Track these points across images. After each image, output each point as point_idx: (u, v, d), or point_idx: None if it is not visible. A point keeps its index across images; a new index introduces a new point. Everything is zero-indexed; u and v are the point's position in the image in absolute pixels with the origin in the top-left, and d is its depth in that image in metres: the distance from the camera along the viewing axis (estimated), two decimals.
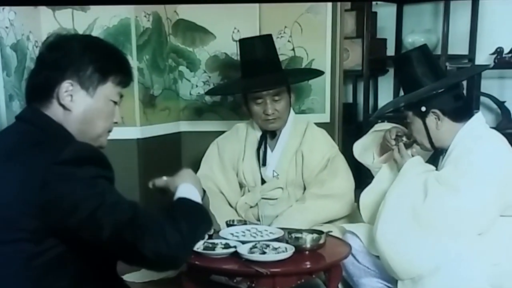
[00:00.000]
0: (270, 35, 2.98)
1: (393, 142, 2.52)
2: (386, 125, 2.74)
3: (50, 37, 1.61)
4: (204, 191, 1.69)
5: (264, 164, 2.91)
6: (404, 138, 2.52)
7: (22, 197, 1.40)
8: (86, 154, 1.47)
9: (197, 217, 1.54)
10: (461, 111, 2.44)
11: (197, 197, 1.60)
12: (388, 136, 2.55)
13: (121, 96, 1.66)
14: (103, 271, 1.56)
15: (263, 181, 2.92)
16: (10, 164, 1.47)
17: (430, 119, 2.42)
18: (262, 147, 2.92)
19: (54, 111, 1.56)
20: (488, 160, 2.28)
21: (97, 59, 1.58)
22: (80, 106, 1.56)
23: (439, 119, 2.40)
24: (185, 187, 1.61)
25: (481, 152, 2.31)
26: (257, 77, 2.85)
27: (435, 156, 2.53)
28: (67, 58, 1.55)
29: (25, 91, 1.63)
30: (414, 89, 2.43)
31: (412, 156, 2.47)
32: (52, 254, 1.43)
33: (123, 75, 1.64)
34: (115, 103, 1.65)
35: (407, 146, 2.50)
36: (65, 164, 1.42)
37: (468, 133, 2.39)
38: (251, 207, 2.92)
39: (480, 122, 2.45)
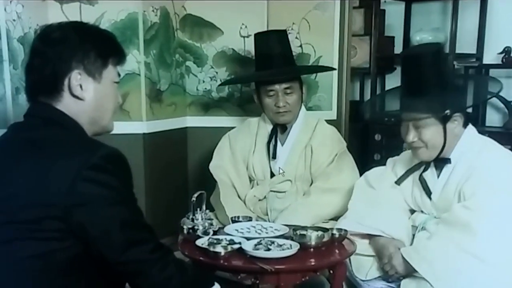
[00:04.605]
0: (285, 31, 3.03)
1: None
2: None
3: (43, 30, 1.60)
4: None
5: (274, 157, 2.93)
6: None
7: (48, 198, 1.40)
8: (115, 160, 1.49)
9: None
10: (469, 116, 2.38)
11: None
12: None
13: (119, 75, 1.69)
14: (115, 279, 1.58)
15: (272, 175, 2.94)
16: (33, 164, 1.46)
17: (451, 124, 2.30)
18: (273, 140, 2.94)
19: (66, 103, 1.56)
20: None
21: (96, 44, 1.59)
22: (90, 93, 1.58)
23: (458, 124, 2.32)
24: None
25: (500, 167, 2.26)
26: (271, 70, 2.89)
27: (425, 165, 2.43)
28: (69, 48, 1.55)
29: (29, 87, 1.61)
30: (424, 90, 2.28)
31: None
32: (70, 253, 1.44)
33: (119, 55, 1.66)
34: (117, 83, 1.67)
35: None
36: (94, 169, 1.43)
37: (468, 141, 2.34)
38: (259, 200, 2.93)
39: (473, 129, 2.39)
